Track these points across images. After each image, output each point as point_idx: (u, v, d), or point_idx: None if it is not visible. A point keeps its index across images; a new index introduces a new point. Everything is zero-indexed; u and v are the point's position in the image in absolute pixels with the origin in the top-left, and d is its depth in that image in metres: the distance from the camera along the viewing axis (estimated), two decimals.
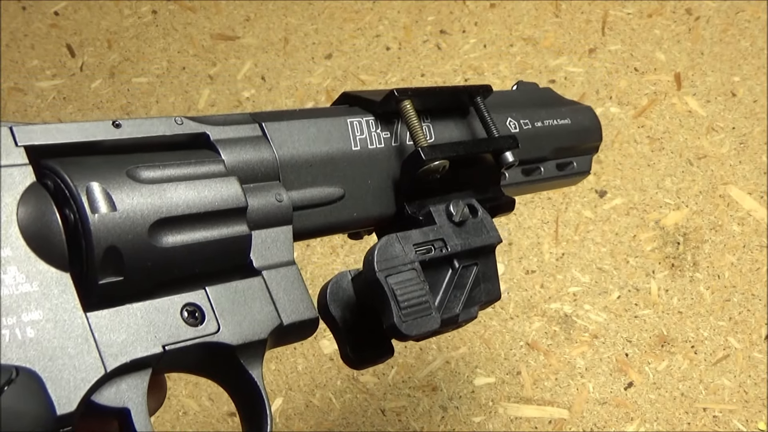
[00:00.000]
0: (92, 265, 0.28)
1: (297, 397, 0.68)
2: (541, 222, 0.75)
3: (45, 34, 0.91)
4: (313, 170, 0.36)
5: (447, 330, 0.38)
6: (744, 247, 0.73)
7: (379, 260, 0.35)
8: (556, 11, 0.89)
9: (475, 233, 0.38)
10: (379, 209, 0.38)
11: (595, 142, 0.51)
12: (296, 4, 0.92)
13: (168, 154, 0.31)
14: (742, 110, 0.81)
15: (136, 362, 0.28)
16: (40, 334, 0.26)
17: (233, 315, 0.31)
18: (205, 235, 0.30)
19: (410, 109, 0.38)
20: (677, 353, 0.69)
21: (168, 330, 0.29)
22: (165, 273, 0.29)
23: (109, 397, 0.28)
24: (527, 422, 0.66)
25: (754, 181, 0.77)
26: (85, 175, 0.28)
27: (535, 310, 0.71)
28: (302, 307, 0.33)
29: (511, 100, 0.47)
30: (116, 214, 0.28)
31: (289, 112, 0.37)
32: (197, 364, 0.32)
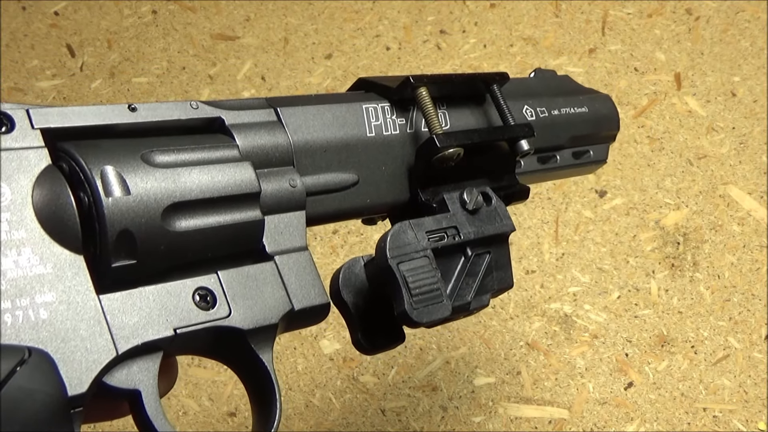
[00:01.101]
0: (105, 248, 0.27)
1: (297, 397, 0.68)
2: (541, 222, 0.75)
3: (45, 34, 0.91)
4: (327, 156, 0.35)
5: (458, 317, 0.37)
6: (744, 247, 0.73)
7: (391, 247, 0.34)
8: (556, 11, 0.89)
9: (488, 221, 0.38)
10: (393, 196, 0.38)
11: (613, 131, 0.50)
12: (296, 4, 0.92)
13: (182, 139, 0.31)
14: (742, 110, 0.81)
15: (148, 345, 0.28)
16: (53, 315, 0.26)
17: (245, 299, 0.31)
18: (218, 219, 0.30)
19: (426, 96, 0.37)
20: (677, 353, 0.69)
21: (180, 313, 0.29)
22: (178, 257, 0.29)
23: (120, 379, 0.28)
24: (527, 422, 0.66)
25: (754, 181, 0.77)
26: (100, 158, 0.28)
27: (535, 310, 0.71)
28: (314, 293, 0.33)
29: (528, 88, 0.46)
30: (130, 198, 0.28)
31: (305, 97, 0.37)
32: (208, 347, 0.32)
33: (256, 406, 0.34)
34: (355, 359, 0.69)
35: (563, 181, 0.77)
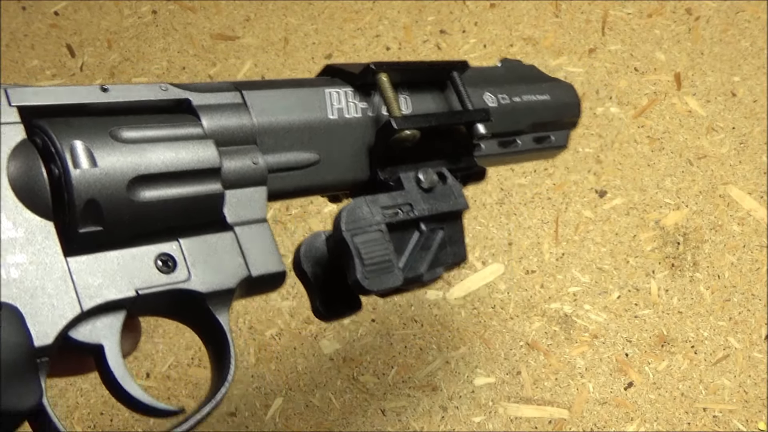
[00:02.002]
0: (73, 215, 0.30)
1: (297, 397, 0.68)
2: (541, 222, 0.75)
3: (45, 34, 0.91)
4: (289, 136, 0.38)
5: (412, 288, 0.40)
6: (744, 247, 0.73)
7: (346, 221, 0.37)
8: (556, 11, 0.89)
9: (442, 199, 0.41)
10: (353, 174, 0.40)
11: (574, 118, 0.52)
12: (296, 4, 0.92)
13: (151, 117, 0.34)
14: (742, 110, 0.81)
15: (111, 304, 0.31)
16: (23, 275, 0.29)
17: (204, 265, 0.34)
18: (180, 191, 0.33)
19: (386, 82, 0.40)
20: (677, 353, 0.69)
21: (142, 276, 0.32)
22: (141, 225, 0.32)
23: (84, 333, 0.31)
24: (527, 422, 0.66)
25: (754, 181, 0.77)
26: (71, 134, 0.31)
27: (535, 310, 0.71)
28: (270, 261, 0.36)
29: (491, 76, 0.48)
30: (96, 170, 0.31)
31: (271, 81, 0.40)
32: (169, 309, 0.35)
33: (213, 363, 0.36)
34: (355, 359, 0.69)
35: (563, 182, 0.77)
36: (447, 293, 0.72)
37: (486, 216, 0.75)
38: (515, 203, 0.76)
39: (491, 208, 0.75)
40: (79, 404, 0.68)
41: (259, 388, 0.68)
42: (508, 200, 0.76)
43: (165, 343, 0.71)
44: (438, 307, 0.71)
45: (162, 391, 0.68)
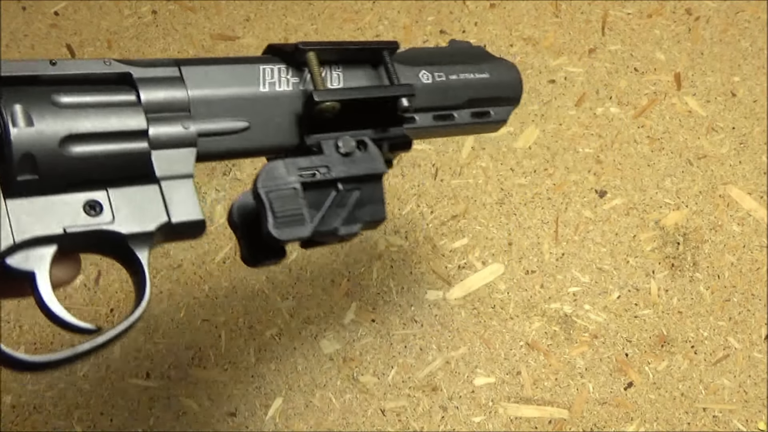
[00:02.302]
0: (11, 166, 0.36)
1: (297, 397, 0.68)
2: (541, 222, 0.75)
3: (45, 34, 0.91)
4: (221, 106, 0.43)
5: (329, 240, 0.45)
6: (744, 247, 0.73)
7: (263, 178, 0.42)
8: (556, 11, 0.89)
9: (360, 163, 0.45)
10: (281, 140, 0.45)
11: (514, 95, 0.55)
12: (296, 4, 0.92)
13: (91, 87, 0.39)
14: (742, 110, 0.81)
15: (41, 238, 0.37)
16: None
17: (127, 210, 0.39)
18: (107, 149, 0.39)
19: (313, 59, 0.45)
20: (677, 353, 0.69)
21: (70, 217, 0.38)
22: (72, 175, 0.38)
23: (18, 261, 0.37)
24: (527, 422, 0.66)
25: (754, 181, 0.77)
26: (14, 99, 0.37)
27: (535, 310, 0.71)
28: (190, 211, 0.41)
29: (431, 55, 0.52)
30: (32, 129, 0.37)
31: (210, 59, 0.45)
32: (97, 246, 0.40)
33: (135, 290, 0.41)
34: (355, 359, 0.69)
35: (563, 182, 0.77)
36: (447, 293, 0.72)
37: (486, 216, 0.75)
38: (515, 203, 0.76)
39: (491, 208, 0.75)
40: (79, 404, 0.68)
41: (259, 388, 0.68)
42: (508, 200, 0.76)
43: (165, 343, 0.71)
44: (438, 307, 0.71)
45: (162, 391, 0.68)
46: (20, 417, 0.68)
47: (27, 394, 0.68)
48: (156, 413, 0.68)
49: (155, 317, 0.71)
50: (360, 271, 0.73)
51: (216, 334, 0.71)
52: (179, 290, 0.73)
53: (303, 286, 0.72)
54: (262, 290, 0.72)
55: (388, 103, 0.47)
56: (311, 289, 0.72)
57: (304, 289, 0.72)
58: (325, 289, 0.72)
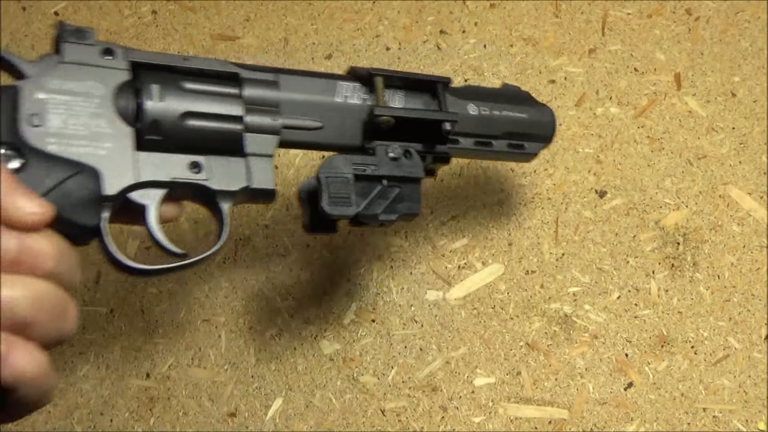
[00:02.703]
0: (144, 127, 0.48)
1: (297, 397, 0.68)
2: (541, 222, 0.75)
3: (45, 34, 0.91)
4: (302, 107, 0.55)
5: (370, 222, 0.55)
6: (744, 248, 0.73)
7: (324, 166, 0.54)
8: (556, 11, 0.89)
9: (404, 167, 0.57)
10: (346, 141, 0.57)
11: (546, 135, 0.65)
12: (296, 4, 0.92)
13: (208, 80, 0.52)
14: (742, 110, 0.81)
15: (155, 182, 0.48)
16: (108, 154, 0.47)
17: (220, 173, 0.51)
18: (213, 126, 0.51)
19: (379, 83, 0.57)
20: (677, 353, 0.69)
21: (178, 171, 0.50)
22: (184, 141, 0.50)
23: (137, 196, 0.48)
24: (527, 422, 0.66)
25: (754, 181, 0.77)
26: (153, 80, 0.49)
27: (535, 310, 0.71)
28: (266, 181, 0.52)
29: (481, 92, 0.64)
30: (162, 103, 0.49)
31: (304, 71, 0.57)
32: (193, 195, 0.52)
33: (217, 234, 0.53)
34: (355, 359, 0.69)
35: (563, 182, 0.77)
36: (447, 293, 0.72)
37: (486, 216, 0.75)
38: (515, 203, 0.76)
39: (491, 208, 0.75)
40: (79, 404, 0.68)
41: (259, 388, 0.68)
42: (508, 200, 0.76)
43: (165, 343, 0.71)
44: (438, 308, 0.71)
45: (162, 391, 0.68)
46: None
47: None
48: (156, 413, 0.68)
49: (155, 317, 0.71)
50: (360, 271, 0.73)
51: (216, 334, 0.71)
52: (179, 290, 0.73)
53: (303, 286, 0.72)
54: (262, 290, 0.72)
55: (434, 124, 0.58)
56: (311, 289, 0.72)
57: (304, 289, 0.72)
58: (325, 289, 0.72)
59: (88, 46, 0.49)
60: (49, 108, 0.46)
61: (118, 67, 0.49)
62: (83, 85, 0.48)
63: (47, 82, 0.47)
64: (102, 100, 0.48)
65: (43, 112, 0.46)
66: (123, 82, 0.48)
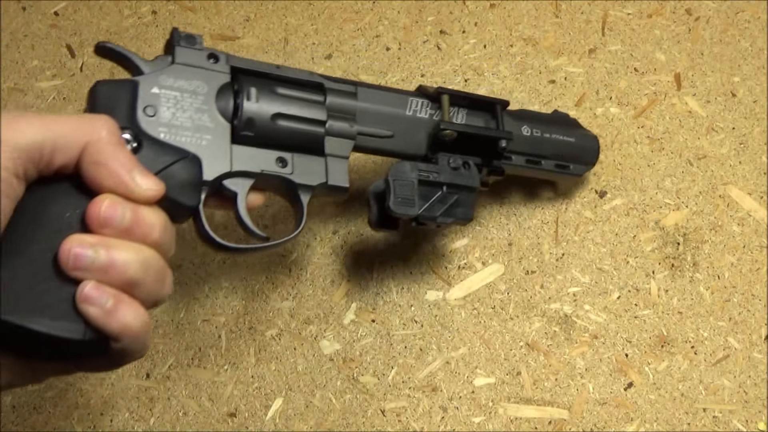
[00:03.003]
0: (239, 123, 0.55)
1: (297, 397, 0.68)
2: (541, 222, 0.75)
3: (45, 34, 0.91)
4: (377, 117, 0.62)
5: (429, 224, 0.62)
6: (744, 248, 0.73)
7: (393, 171, 0.61)
8: (556, 11, 0.89)
9: (461, 177, 0.63)
10: (413, 150, 0.64)
11: (591, 159, 0.72)
12: (296, 4, 0.92)
13: (298, 87, 0.59)
14: (742, 110, 0.81)
15: (246, 172, 0.55)
16: (208, 144, 0.53)
17: (301, 169, 0.57)
18: (300, 127, 0.58)
19: (445, 101, 0.64)
20: (677, 353, 0.69)
21: (266, 164, 0.56)
22: (274, 139, 0.56)
23: (230, 183, 0.55)
24: (527, 423, 0.66)
25: (754, 182, 0.77)
26: (251, 84, 0.56)
27: (535, 310, 0.71)
28: (341, 179, 0.59)
29: (534, 116, 0.70)
30: (257, 104, 0.56)
31: (379, 86, 0.64)
32: (276, 187, 0.58)
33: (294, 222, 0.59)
34: (355, 360, 0.69)
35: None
36: (447, 294, 0.72)
37: (486, 216, 0.75)
38: (515, 203, 0.76)
39: (491, 209, 0.75)
40: (79, 404, 0.68)
41: (259, 388, 0.68)
42: (508, 200, 0.76)
43: (165, 343, 0.71)
44: (438, 308, 0.71)
45: (162, 391, 0.68)
46: (20, 417, 0.68)
47: (27, 394, 0.68)
48: (156, 413, 0.68)
49: (155, 317, 0.71)
50: (360, 272, 0.73)
51: (216, 334, 0.71)
52: (179, 290, 0.73)
53: (303, 286, 0.72)
54: (262, 290, 0.72)
55: (492, 141, 0.64)
56: (311, 290, 0.72)
57: (304, 289, 0.72)
58: (325, 289, 0.72)
59: (196, 50, 0.56)
60: (162, 102, 0.52)
61: (221, 70, 0.56)
62: (191, 84, 0.54)
63: (161, 79, 0.53)
64: (206, 97, 0.54)
65: (157, 105, 0.52)
66: (224, 84, 0.55)
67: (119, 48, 0.55)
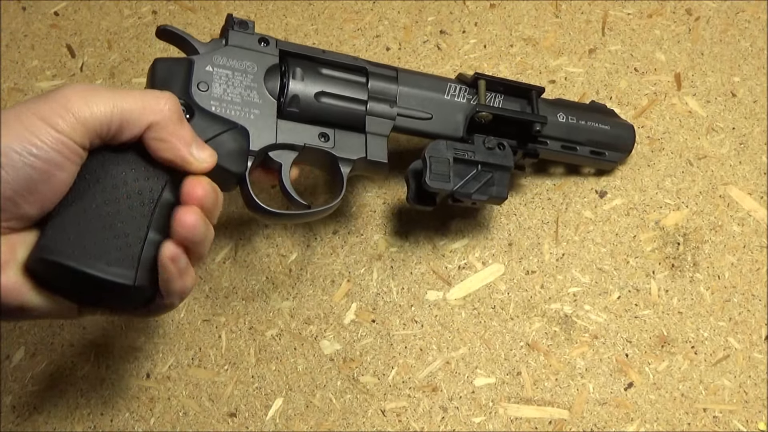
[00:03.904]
0: (285, 100, 0.60)
1: (297, 397, 0.68)
2: (541, 222, 0.75)
3: (45, 34, 0.91)
4: (416, 100, 0.66)
5: (464, 199, 0.65)
6: (744, 248, 0.73)
7: (429, 149, 0.64)
8: (556, 11, 0.89)
9: (496, 156, 0.66)
10: (450, 131, 0.67)
11: (625, 147, 0.75)
12: (296, 4, 0.92)
13: (342, 69, 0.64)
14: (742, 110, 0.81)
15: (289, 145, 0.60)
16: (255, 119, 0.58)
17: (343, 143, 0.62)
18: (343, 105, 0.62)
19: (482, 86, 0.68)
20: (677, 354, 0.69)
21: (309, 138, 0.61)
22: (318, 115, 0.61)
23: (276, 155, 0.60)
24: (527, 423, 0.66)
25: (754, 182, 0.77)
26: (297, 64, 0.62)
27: (535, 310, 0.71)
28: (380, 155, 0.63)
29: (571, 104, 0.73)
30: (302, 83, 0.61)
31: (419, 72, 0.68)
32: (317, 161, 0.63)
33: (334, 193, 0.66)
34: (355, 360, 0.69)
35: (563, 182, 0.77)
36: (447, 294, 0.72)
37: (486, 216, 0.75)
38: (515, 203, 0.76)
39: (491, 209, 0.75)
40: (80, 404, 0.68)
41: (259, 388, 0.68)
42: (508, 200, 0.76)
43: (165, 343, 0.71)
44: (438, 308, 0.71)
45: (162, 391, 0.68)
46: (20, 417, 0.68)
47: (27, 394, 0.68)
48: (156, 413, 0.68)
49: (155, 318, 0.71)
50: (360, 272, 0.73)
51: (216, 334, 0.71)
52: None
53: (303, 286, 0.72)
54: (262, 290, 0.72)
55: (526, 124, 0.67)
56: (311, 290, 0.72)
57: (304, 289, 0.72)
58: (325, 289, 0.72)
59: (248, 34, 0.61)
60: (214, 78, 0.58)
61: (270, 53, 0.61)
62: (242, 64, 0.60)
63: (215, 58, 0.59)
64: (255, 76, 0.60)
65: (210, 81, 0.58)
66: (273, 65, 0.61)
67: (178, 30, 0.60)
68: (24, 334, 0.71)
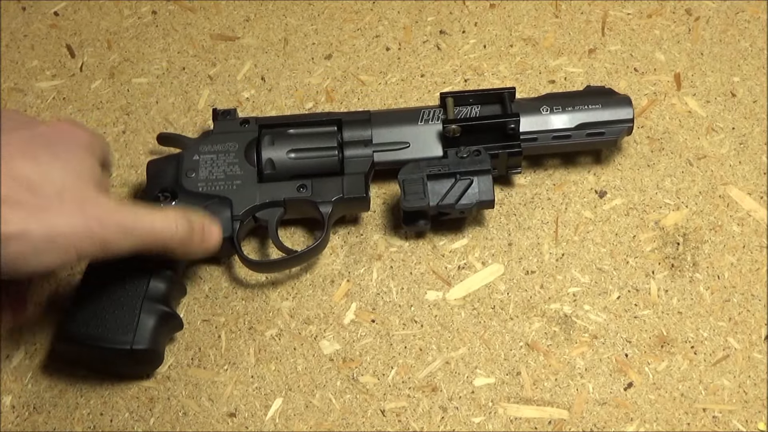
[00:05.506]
0: (261, 165, 0.68)
1: (297, 397, 0.68)
2: (541, 222, 0.75)
3: (45, 35, 0.91)
4: (392, 134, 0.71)
5: (450, 211, 0.68)
6: (744, 248, 0.73)
7: (401, 172, 0.68)
8: (556, 11, 0.89)
9: (473, 163, 0.68)
10: (430, 153, 0.70)
11: (626, 119, 0.73)
12: (296, 5, 0.92)
13: (312, 125, 0.71)
14: (742, 110, 0.81)
15: (273, 202, 0.67)
16: (238, 187, 0.68)
17: (321, 189, 0.68)
18: (315, 155, 0.69)
19: (450, 103, 0.71)
20: (677, 353, 0.69)
21: (289, 192, 0.68)
22: (294, 170, 0.68)
23: (262, 214, 0.68)
24: (527, 423, 0.66)
25: (754, 182, 0.77)
26: (266, 134, 0.69)
27: (535, 310, 0.71)
28: (358, 191, 0.68)
29: (556, 96, 0.74)
30: (272, 147, 0.68)
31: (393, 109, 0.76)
32: (300, 208, 0.68)
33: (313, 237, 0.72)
34: (355, 360, 0.69)
35: (563, 182, 0.77)
36: (447, 294, 0.72)
37: (486, 216, 0.75)
38: (515, 203, 0.76)
39: (491, 209, 0.75)
40: (79, 404, 0.68)
41: (259, 388, 0.68)
42: (508, 200, 0.76)
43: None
44: (438, 308, 0.71)
45: (162, 391, 0.68)
46: (20, 417, 0.68)
47: (27, 394, 0.68)
48: (156, 413, 0.68)
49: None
50: (360, 272, 0.73)
51: (216, 334, 0.71)
52: None
53: (303, 286, 0.72)
54: (262, 290, 0.72)
55: (498, 126, 0.70)
56: (311, 290, 0.72)
57: (304, 289, 0.72)
58: (325, 289, 0.72)
59: (231, 121, 0.71)
60: (201, 164, 0.68)
61: (250, 130, 0.70)
62: (225, 146, 0.69)
63: (201, 147, 0.69)
64: (237, 152, 0.68)
65: (197, 168, 0.68)
66: (252, 139, 0.69)
67: (172, 134, 0.73)
68: (24, 334, 0.71)
